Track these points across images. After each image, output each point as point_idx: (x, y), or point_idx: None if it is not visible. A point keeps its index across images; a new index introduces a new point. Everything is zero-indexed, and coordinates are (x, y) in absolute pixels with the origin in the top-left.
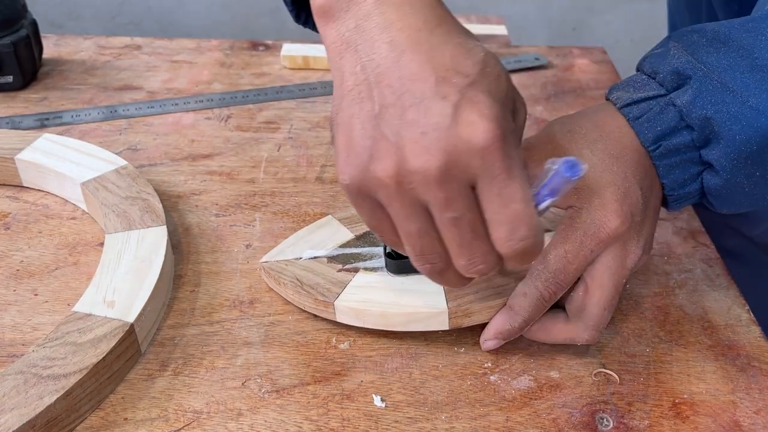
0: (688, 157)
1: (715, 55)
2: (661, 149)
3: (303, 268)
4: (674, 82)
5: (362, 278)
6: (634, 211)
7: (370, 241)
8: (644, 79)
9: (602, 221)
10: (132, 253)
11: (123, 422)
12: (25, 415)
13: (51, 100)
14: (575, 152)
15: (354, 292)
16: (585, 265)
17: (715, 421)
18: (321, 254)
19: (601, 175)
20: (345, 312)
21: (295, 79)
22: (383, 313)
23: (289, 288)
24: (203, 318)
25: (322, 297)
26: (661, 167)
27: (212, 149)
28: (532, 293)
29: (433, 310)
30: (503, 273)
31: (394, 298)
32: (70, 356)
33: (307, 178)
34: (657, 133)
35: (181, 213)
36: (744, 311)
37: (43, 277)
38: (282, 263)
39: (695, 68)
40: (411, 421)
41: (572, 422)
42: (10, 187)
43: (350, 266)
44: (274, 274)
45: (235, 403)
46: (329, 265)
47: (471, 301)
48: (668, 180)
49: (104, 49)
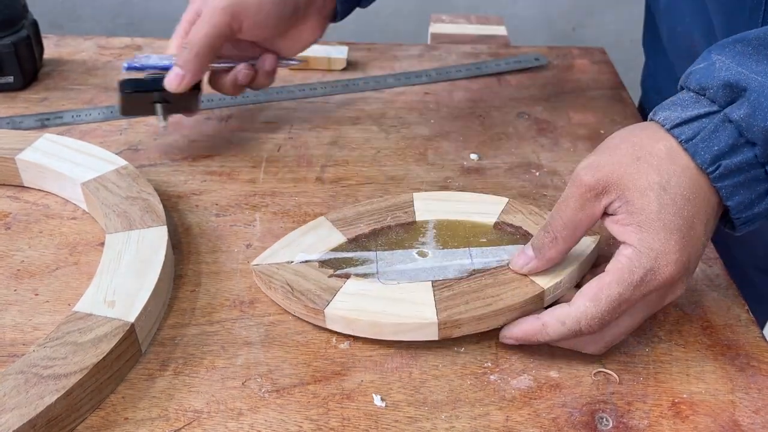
0: (753, 175)
1: (765, 63)
2: (721, 169)
3: (294, 273)
4: (727, 96)
5: (353, 285)
6: (692, 258)
7: (362, 245)
8: (692, 96)
9: (662, 269)
10: (132, 253)
11: (123, 422)
12: (26, 414)
13: (51, 100)
14: (646, 186)
15: (344, 300)
16: (633, 307)
17: (714, 421)
18: (313, 258)
19: (672, 220)
20: (335, 320)
21: (296, 80)
22: (373, 322)
23: (280, 293)
24: (203, 318)
25: (313, 304)
26: (723, 189)
27: (212, 149)
28: (571, 326)
29: (423, 321)
30: None
31: (385, 307)
32: (70, 356)
33: (307, 178)
34: (714, 153)
35: (182, 213)
36: (743, 311)
37: (44, 277)
38: (273, 266)
39: (748, 79)
40: (411, 421)
41: (572, 422)
42: (11, 187)
43: (341, 272)
44: (265, 277)
45: (236, 402)
46: (321, 270)
47: (461, 313)
48: (733, 202)
49: (105, 49)
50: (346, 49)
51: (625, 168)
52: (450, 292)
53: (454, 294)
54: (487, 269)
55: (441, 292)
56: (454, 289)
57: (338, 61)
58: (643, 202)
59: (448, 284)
